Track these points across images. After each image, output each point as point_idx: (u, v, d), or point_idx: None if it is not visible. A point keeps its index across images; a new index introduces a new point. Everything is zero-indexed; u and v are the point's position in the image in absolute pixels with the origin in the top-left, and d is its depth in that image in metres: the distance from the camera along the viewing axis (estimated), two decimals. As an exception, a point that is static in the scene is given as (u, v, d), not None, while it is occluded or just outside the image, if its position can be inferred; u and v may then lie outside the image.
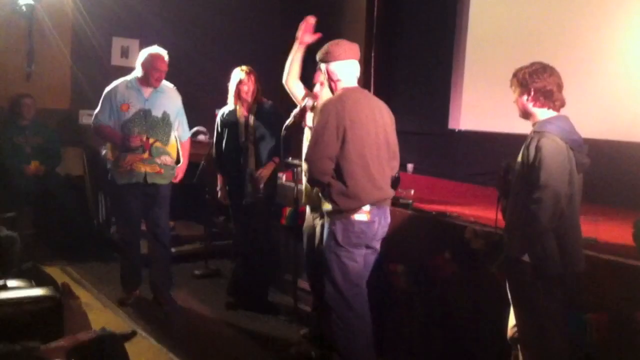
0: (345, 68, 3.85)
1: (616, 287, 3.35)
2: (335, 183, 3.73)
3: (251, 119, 5.14)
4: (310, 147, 3.70)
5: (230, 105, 5.24)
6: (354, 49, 3.90)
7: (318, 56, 3.90)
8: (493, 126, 6.26)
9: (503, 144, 6.04)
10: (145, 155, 5.11)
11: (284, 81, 4.61)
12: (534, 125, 3.33)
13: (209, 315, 5.31)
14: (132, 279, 5.42)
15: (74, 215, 6.83)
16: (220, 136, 5.29)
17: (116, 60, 7.58)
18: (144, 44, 7.51)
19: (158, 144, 5.15)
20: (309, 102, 4.49)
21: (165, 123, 5.20)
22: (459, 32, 6.76)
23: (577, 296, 3.35)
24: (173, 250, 5.98)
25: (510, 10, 6.30)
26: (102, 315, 4.82)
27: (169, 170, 5.25)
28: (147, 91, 5.17)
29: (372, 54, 7.30)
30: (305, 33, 4.51)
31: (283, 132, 4.61)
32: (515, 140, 5.74)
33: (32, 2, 6.82)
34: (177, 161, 5.40)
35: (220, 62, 6.94)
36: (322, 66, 3.89)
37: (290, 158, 5.08)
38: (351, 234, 3.76)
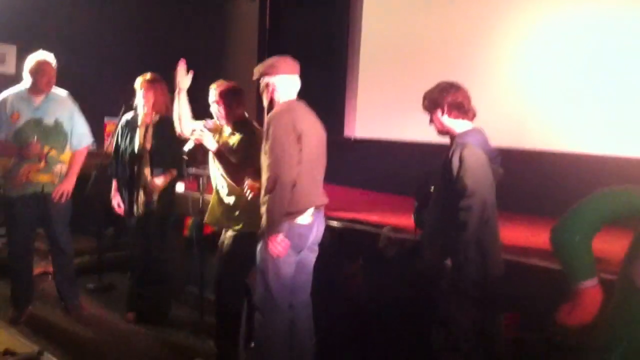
0: (289, 82, 3.84)
1: (528, 289, 3.53)
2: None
3: (150, 127, 5.01)
4: (277, 160, 3.62)
5: (133, 112, 5.08)
6: (296, 65, 3.89)
7: (260, 70, 3.85)
8: (388, 134, 6.43)
9: (398, 151, 6.28)
10: (42, 164, 4.92)
11: (179, 132, 4.49)
12: (452, 138, 3.47)
13: (110, 330, 5.09)
14: (24, 296, 5.14)
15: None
16: (118, 144, 5.13)
17: (-9, 66, 7.13)
18: (22, 50, 7.19)
19: (53, 152, 4.96)
20: (208, 123, 4.41)
21: (58, 131, 5.00)
22: (351, 42, 6.88)
23: (492, 296, 3.50)
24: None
25: (403, 19, 6.48)
26: (-4, 337, 4.52)
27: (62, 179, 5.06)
28: (37, 99, 4.97)
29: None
30: (182, 78, 4.45)
31: (184, 156, 4.48)
32: (410, 148, 6.08)
33: None
34: None
35: (111, 69, 6.73)
36: (266, 79, 3.82)
37: (194, 169, 5.00)
38: (293, 237, 3.76)
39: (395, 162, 6.25)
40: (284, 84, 3.82)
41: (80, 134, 5.17)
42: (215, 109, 4.39)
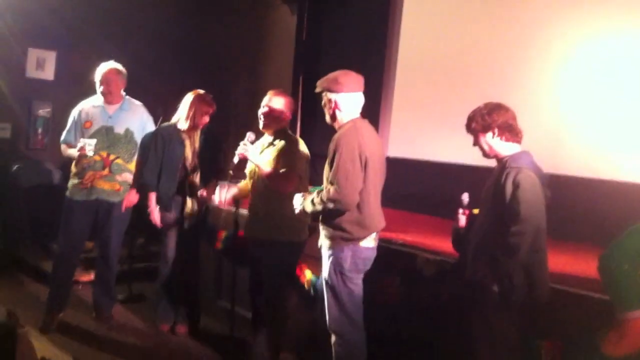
0: (353, 100, 3.84)
1: (571, 317, 3.47)
2: (347, 214, 3.72)
3: (197, 140, 5.07)
4: (342, 180, 3.62)
5: (171, 124, 5.09)
6: (361, 81, 3.89)
7: (324, 85, 3.84)
8: (420, 154, 6.39)
9: (430, 172, 6.23)
10: (105, 172, 5.04)
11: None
12: (500, 160, 3.42)
13: (140, 341, 5.10)
14: (58, 301, 5.17)
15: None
16: (158, 154, 5.06)
17: (32, 72, 7.20)
18: (61, 56, 7.31)
19: (119, 160, 5.08)
20: (250, 136, 4.43)
21: (127, 140, 5.14)
22: (388, 59, 6.85)
23: (535, 323, 3.46)
24: (91, 273, 5.81)
25: (441, 40, 6.42)
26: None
27: (128, 188, 5.15)
28: (111, 109, 5.15)
29: (300, 77, 7.34)
30: None
31: (231, 171, 4.49)
32: (441, 169, 6.04)
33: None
34: None
35: (148, 78, 6.76)
36: (330, 95, 3.81)
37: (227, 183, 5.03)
38: (359, 261, 3.81)
39: (426, 182, 6.20)
40: (347, 101, 3.81)
41: None
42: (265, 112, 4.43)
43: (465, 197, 3.66)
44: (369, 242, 3.83)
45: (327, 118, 3.90)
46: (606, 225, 3.53)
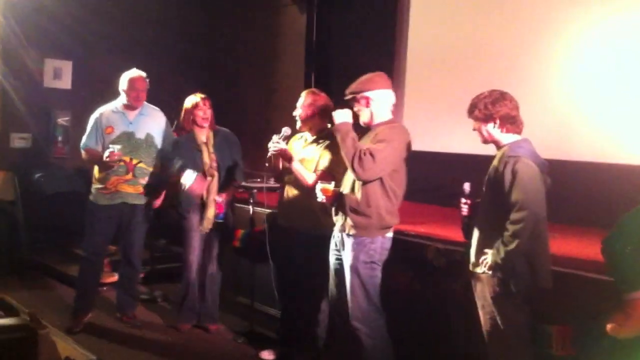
0: (388, 96, 4.01)
1: (580, 301, 3.51)
2: (385, 201, 3.88)
3: (211, 145, 5.15)
4: (382, 158, 3.74)
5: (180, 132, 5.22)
6: (389, 80, 4.06)
7: (359, 87, 3.95)
8: (432, 146, 6.42)
9: (443, 163, 6.27)
10: (129, 176, 5.15)
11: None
12: (500, 148, 3.46)
13: (165, 340, 5.20)
14: (85, 304, 5.30)
15: (3, 242, 6.74)
16: (172, 160, 5.17)
17: (49, 82, 7.38)
18: (77, 66, 7.46)
19: (142, 165, 5.19)
20: (287, 131, 4.50)
21: (148, 144, 5.24)
22: (398, 53, 6.89)
23: (543, 309, 3.50)
24: (115, 275, 5.95)
25: (450, 30, 6.46)
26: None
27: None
28: (131, 114, 5.24)
29: (312, 75, 7.40)
30: None
31: (267, 164, 4.58)
32: (455, 160, 6.07)
33: (-40, 21, 6.62)
34: None
35: (161, 86, 6.90)
36: (367, 94, 3.92)
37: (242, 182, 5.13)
38: (384, 251, 3.97)
39: (440, 173, 6.23)
40: (382, 98, 3.96)
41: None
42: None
43: (467, 187, 3.69)
44: (390, 233, 4.00)
45: (365, 118, 4.00)
46: (611, 209, 3.54)
